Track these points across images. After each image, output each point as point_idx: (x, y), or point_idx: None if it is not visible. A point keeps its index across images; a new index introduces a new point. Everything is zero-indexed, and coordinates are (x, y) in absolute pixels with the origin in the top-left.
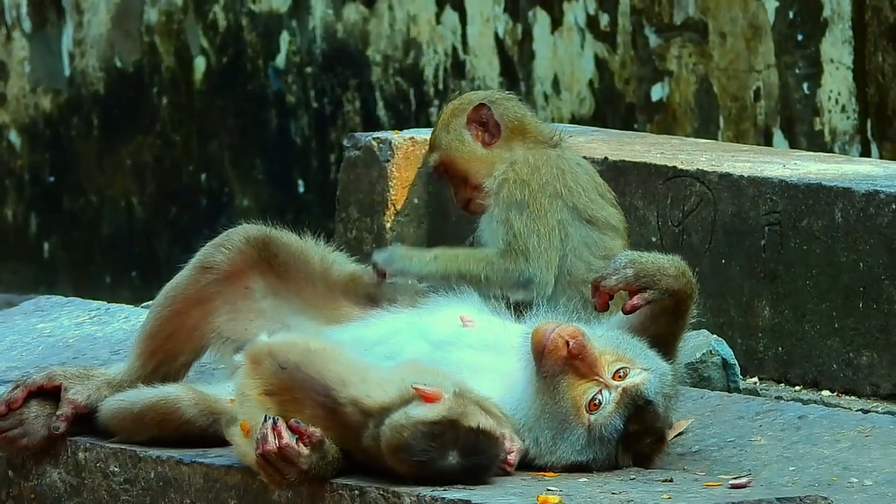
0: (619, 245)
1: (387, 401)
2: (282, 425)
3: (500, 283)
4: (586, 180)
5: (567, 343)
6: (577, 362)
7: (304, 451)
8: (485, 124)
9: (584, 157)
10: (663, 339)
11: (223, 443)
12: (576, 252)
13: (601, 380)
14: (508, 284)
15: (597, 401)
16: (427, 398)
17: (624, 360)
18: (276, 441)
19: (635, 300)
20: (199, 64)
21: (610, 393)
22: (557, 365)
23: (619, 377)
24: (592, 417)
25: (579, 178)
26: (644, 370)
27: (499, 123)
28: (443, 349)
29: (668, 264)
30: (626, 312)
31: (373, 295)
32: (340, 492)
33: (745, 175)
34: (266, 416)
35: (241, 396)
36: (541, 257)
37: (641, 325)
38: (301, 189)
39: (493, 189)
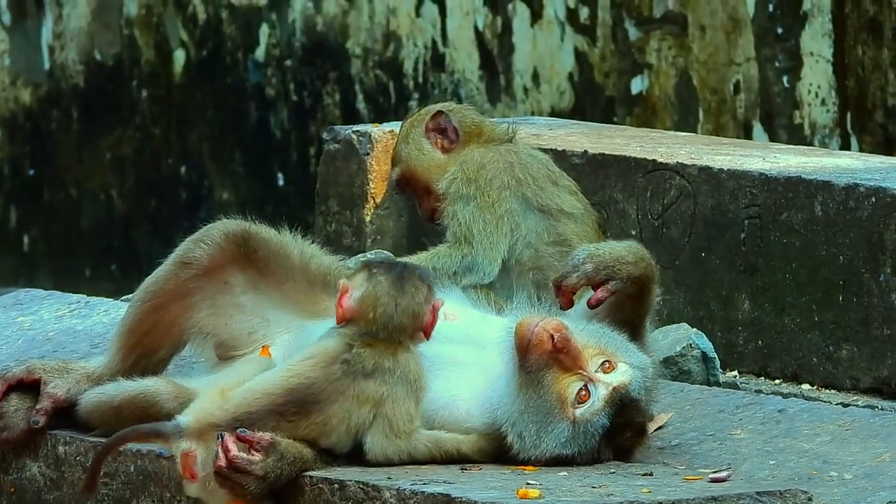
0: (573, 230)
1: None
2: (228, 439)
3: (446, 271)
4: (537, 169)
5: (552, 337)
6: (561, 356)
7: (256, 457)
8: (444, 131)
9: (564, 151)
10: (630, 324)
11: None
12: (525, 240)
13: (585, 373)
14: (454, 270)
15: (583, 395)
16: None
17: (606, 354)
18: (225, 456)
19: (599, 294)
20: (179, 57)
21: (597, 388)
22: (542, 359)
23: (603, 371)
24: (578, 412)
25: (529, 169)
26: (629, 366)
27: (457, 128)
28: (424, 343)
29: (625, 252)
30: (591, 307)
31: None
32: (320, 486)
33: (725, 168)
34: (217, 435)
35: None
36: (484, 241)
37: (607, 313)
38: (280, 182)
39: (444, 190)
